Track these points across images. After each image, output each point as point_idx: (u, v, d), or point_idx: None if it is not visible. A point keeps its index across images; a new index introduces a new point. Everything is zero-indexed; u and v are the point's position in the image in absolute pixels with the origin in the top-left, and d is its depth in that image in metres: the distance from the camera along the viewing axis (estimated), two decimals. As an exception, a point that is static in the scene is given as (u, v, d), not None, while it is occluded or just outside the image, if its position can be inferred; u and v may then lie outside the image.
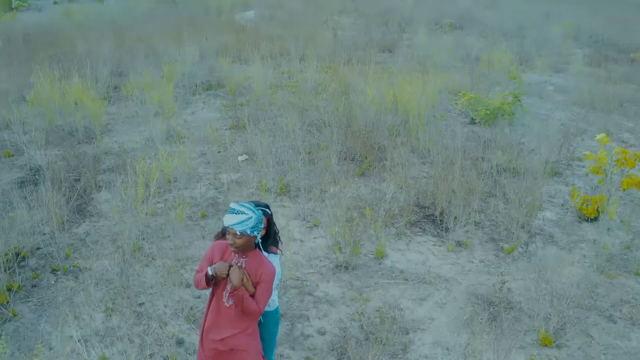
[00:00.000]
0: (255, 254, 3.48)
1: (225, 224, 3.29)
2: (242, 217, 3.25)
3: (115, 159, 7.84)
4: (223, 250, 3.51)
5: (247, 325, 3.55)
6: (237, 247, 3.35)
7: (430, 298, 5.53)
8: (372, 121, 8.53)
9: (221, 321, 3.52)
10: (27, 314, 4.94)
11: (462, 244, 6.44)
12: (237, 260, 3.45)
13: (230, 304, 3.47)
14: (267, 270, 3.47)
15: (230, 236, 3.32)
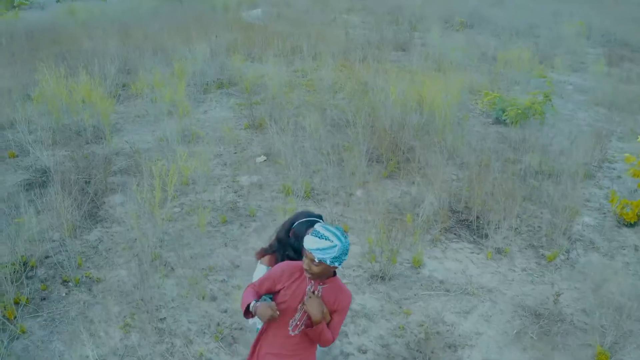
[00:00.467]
0: (334, 281, 3.02)
1: (305, 246, 2.82)
2: (325, 244, 2.76)
3: (127, 160, 7.35)
4: (293, 273, 3.03)
5: (309, 354, 3.13)
6: (312, 275, 2.89)
7: (474, 311, 5.11)
8: (397, 120, 8.05)
9: (280, 350, 3.07)
10: (36, 331, 4.45)
11: (502, 251, 6.03)
12: (314, 287, 2.98)
13: (296, 333, 3.02)
14: (345, 298, 3.04)
15: (307, 260, 2.85)
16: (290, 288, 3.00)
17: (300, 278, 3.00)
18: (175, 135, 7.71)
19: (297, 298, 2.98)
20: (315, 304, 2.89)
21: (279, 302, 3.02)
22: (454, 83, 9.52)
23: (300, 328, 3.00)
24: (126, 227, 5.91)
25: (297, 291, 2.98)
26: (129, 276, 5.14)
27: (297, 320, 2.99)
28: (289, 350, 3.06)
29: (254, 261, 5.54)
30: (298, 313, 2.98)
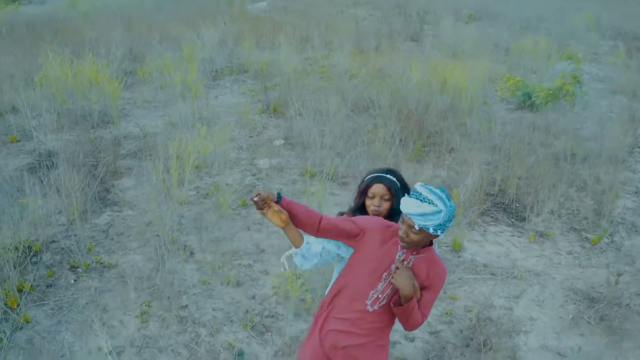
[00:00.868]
0: (429, 251, 2.51)
1: (403, 210, 2.33)
2: (428, 208, 2.27)
3: (137, 143, 6.85)
4: (385, 234, 2.51)
5: (383, 337, 2.60)
6: (408, 244, 2.39)
7: (524, 295, 4.67)
8: (423, 102, 7.57)
9: (351, 327, 2.54)
10: (42, 320, 3.95)
11: (544, 234, 5.59)
12: (404, 255, 2.48)
13: (375, 309, 2.51)
14: (440, 272, 2.53)
15: (404, 227, 2.36)
16: (376, 250, 2.48)
17: (391, 241, 2.49)
18: (188, 119, 7.21)
19: (383, 265, 2.47)
20: (405, 276, 2.39)
21: (356, 265, 2.52)
22: (475, 68, 9.09)
23: (381, 303, 2.49)
24: (138, 210, 5.43)
25: (384, 256, 2.47)
26: (144, 261, 4.64)
27: (379, 292, 2.48)
28: (362, 329, 2.53)
29: (280, 245, 5.11)
30: (381, 283, 2.47)
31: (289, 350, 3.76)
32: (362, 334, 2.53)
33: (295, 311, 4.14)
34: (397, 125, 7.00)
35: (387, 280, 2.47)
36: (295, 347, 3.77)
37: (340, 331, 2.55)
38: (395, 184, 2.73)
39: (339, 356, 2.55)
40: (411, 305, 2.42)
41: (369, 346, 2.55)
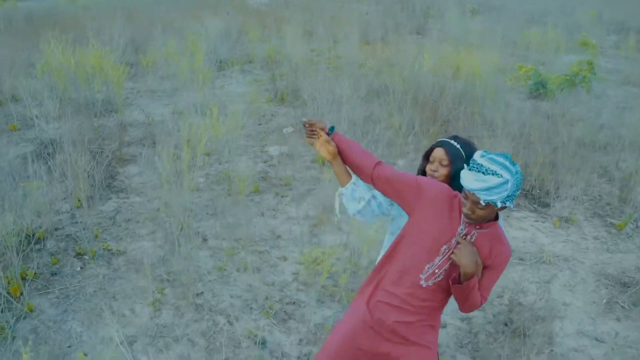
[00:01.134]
0: (493, 227, 2.21)
1: (465, 185, 2.05)
2: (493, 181, 1.98)
3: (142, 130, 6.59)
4: (449, 204, 2.22)
5: (435, 318, 2.34)
6: (474, 220, 2.11)
7: (555, 280, 4.44)
8: (437, 87, 7.32)
9: (402, 303, 2.27)
10: (47, 309, 3.68)
11: (568, 219, 5.37)
12: (466, 229, 2.20)
13: (429, 285, 2.24)
14: (504, 251, 2.24)
15: (469, 203, 2.07)
16: (437, 219, 2.20)
17: (453, 213, 2.20)
18: (196, 107, 6.94)
19: (444, 237, 2.19)
20: (468, 252, 2.12)
21: (413, 233, 2.25)
22: (485, 57, 8.86)
23: (437, 279, 2.22)
24: (146, 197, 5.17)
25: (445, 228, 2.20)
26: (155, 248, 4.37)
27: (435, 266, 2.21)
28: (412, 306, 2.26)
29: (297, 231, 4.85)
30: (439, 257, 2.20)
31: (314, 338, 3.49)
32: (412, 311, 2.26)
33: (318, 297, 3.88)
34: (414, 111, 6.75)
35: (445, 254, 2.20)
36: (321, 335, 3.51)
37: (389, 304, 2.28)
38: (455, 149, 2.44)
39: (386, 330, 2.29)
40: (472, 284, 2.16)
41: (417, 325, 2.29)
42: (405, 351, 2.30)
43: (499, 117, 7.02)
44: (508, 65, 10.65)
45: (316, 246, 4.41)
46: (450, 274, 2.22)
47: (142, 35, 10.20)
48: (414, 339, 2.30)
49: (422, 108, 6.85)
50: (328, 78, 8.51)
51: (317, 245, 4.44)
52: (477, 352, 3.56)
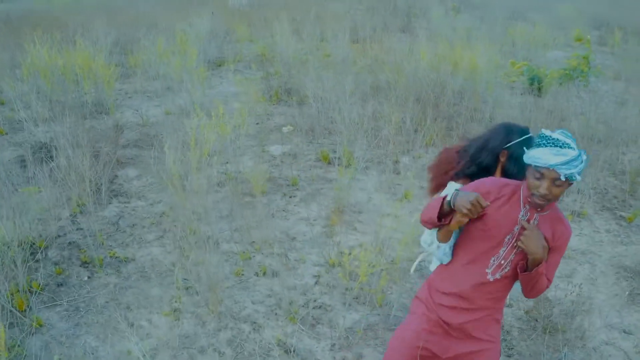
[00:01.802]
0: (552, 208, 2.12)
1: (541, 164, 1.94)
2: (571, 154, 1.91)
3: (136, 132, 6.31)
4: (502, 195, 2.13)
5: (498, 310, 2.23)
6: (549, 201, 2.01)
7: (576, 274, 4.39)
8: (437, 84, 7.20)
9: (465, 301, 2.17)
10: (57, 323, 3.41)
11: (579, 213, 5.28)
12: (528, 214, 2.09)
13: (496, 277, 2.12)
14: (566, 231, 2.13)
15: (546, 182, 1.96)
16: (494, 212, 2.10)
17: (512, 200, 2.10)
18: (189, 107, 6.69)
19: (505, 228, 2.08)
20: (535, 237, 2.00)
21: (473, 231, 2.16)
22: (481, 53, 8.78)
23: (504, 271, 2.10)
24: (148, 200, 4.91)
25: (505, 218, 2.09)
26: (164, 254, 4.13)
27: (501, 257, 2.09)
28: (476, 304, 2.15)
29: (311, 232, 4.66)
30: (504, 248, 2.08)
31: (347, 342, 3.30)
32: (476, 308, 2.16)
33: (344, 300, 3.69)
34: (415, 107, 6.61)
35: (509, 243, 2.08)
36: (353, 340, 3.33)
37: (452, 307, 2.19)
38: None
39: (453, 330, 2.19)
40: (540, 270, 2.05)
41: (484, 320, 2.18)
42: (472, 348, 2.20)
43: (501, 113, 6.94)
44: (497, 61, 10.64)
45: (340, 247, 4.23)
46: (516, 263, 2.11)
47: (127, 35, 9.86)
48: (479, 336, 2.20)
49: (425, 105, 6.71)
50: (323, 76, 8.34)
51: (339, 246, 4.25)
52: (512, 350, 3.43)
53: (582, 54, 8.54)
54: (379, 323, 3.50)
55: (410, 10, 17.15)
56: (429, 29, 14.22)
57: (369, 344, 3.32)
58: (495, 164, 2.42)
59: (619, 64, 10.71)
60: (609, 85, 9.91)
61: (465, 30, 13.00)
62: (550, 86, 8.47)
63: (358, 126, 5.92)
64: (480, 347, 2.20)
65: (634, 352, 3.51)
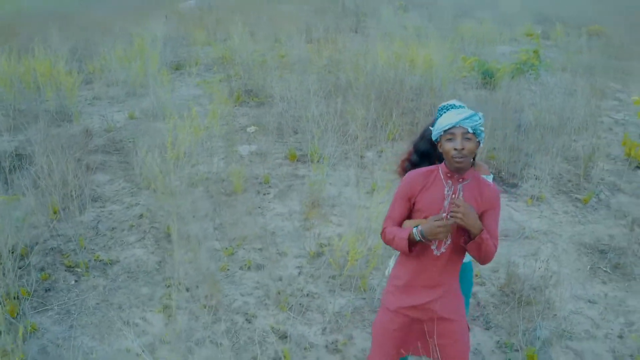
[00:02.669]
0: (472, 174, 2.36)
1: (453, 122, 2.24)
2: (469, 112, 2.28)
3: (104, 138, 6.30)
4: (423, 179, 2.38)
5: (455, 280, 2.48)
6: (465, 156, 2.23)
7: (540, 253, 4.73)
8: (397, 81, 7.48)
9: (426, 282, 2.42)
10: (51, 327, 3.46)
11: (538, 198, 5.66)
12: (452, 187, 2.33)
13: (442, 252, 2.35)
14: (493, 190, 2.37)
15: (458, 139, 2.23)
16: (423, 198, 2.35)
17: (434, 183, 2.36)
18: (154, 111, 6.73)
19: (435, 206, 2.33)
20: (467, 211, 2.21)
21: (414, 217, 2.41)
22: (434, 50, 9.14)
23: (447, 243, 2.34)
24: (123, 204, 4.96)
25: (433, 198, 2.34)
26: (148, 254, 4.22)
27: None
28: (434, 280, 2.40)
29: (289, 226, 4.82)
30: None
31: (337, 326, 3.50)
32: (435, 284, 2.41)
33: (329, 288, 3.88)
34: (377, 104, 6.86)
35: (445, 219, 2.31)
36: (342, 323, 3.52)
37: (413, 291, 2.44)
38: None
39: (420, 312, 2.45)
40: (484, 236, 2.26)
41: (446, 296, 2.43)
42: (441, 329, 2.43)
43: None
44: (448, 57, 11.06)
45: (319, 239, 4.41)
46: (456, 235, 2.33)
47: (83, 41, 9.72)
48: (447, 315, 2.43)
49: (385, 101, 6.97)
50: (285, 77, 8.50)
51: (318, 238, 4.44)
52: (490, 323, 3.70)
53: (531, 49, 9.04)
54: (365, 306, 3.71)
55: (359, 11, 17.47)
56: (380, 28, 14.56)
57: (358, 326, 3.52)
58: (434, 150, 2.61)
59: (563, 56, 11.28)
60: (557, 77, 10.44)
61: (415, 29, 13.39)
62: (502, 80, 8.91)
63: (327, 123, 6.09)
64: (449, 328, 2.43)
65: (599, 318, 3.84)
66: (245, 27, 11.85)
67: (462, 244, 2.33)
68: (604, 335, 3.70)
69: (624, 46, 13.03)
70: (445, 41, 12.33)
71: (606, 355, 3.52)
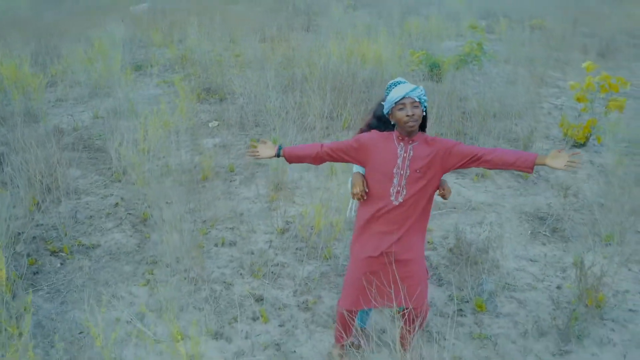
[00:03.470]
0: (420, 135, 2.86)
1: (402, 94, 2.73)
2: (411, 85, 2.77)
3: (72, 136, 6.53)
4: (383, 139, 2.88)
5: (414, 223, 2.93)
6: (416, 121, 2.74)
7: (485, 221, 5.25)
8: (350, 75, 7.95)
9: (388, 227, 2.89)
10: (43, 305, 3.75)
11: (483, 175, 6.21)
12: (404, 147, 2.81)
13: (400, 201, 2.82)
14: (441, 139, 2.87)
15: (407, 107, 2.74)
16: (380, 154, 2.85)
17: (387, 144, 2.85)
18: (118, 109, 6.98)
19: (390, 163, 2.82)
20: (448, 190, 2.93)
21: (371, 173, 2.89)
22: (384, 46, 9.64)
23: (403, 194, 2.81)
24: (97, 196, 5.24)
25: (387, 157, 2.83)
26: (127, 238, 4.54)
27: (396, 186, 2.81)
28: (395, 224, 2.87)
29: (257, 207, 5.21)
30: (396, 178, 2.80)
31: (307, 288, 3.92)
32: (396, 229, 2.86)
33: (297, 258, 4.30)
34: (332, 96, 7.30)
35: (399, 174, 2.79)
36: (311, 285, 3.94)
37: (377, 237, 2.90)
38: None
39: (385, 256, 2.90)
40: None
41: (407, 238, 2.89)
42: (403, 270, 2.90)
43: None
44: (397, 52, 11.59)
45: (285, 216, 4.81)
46: (412, 187, 2.80)
47: (44, 44, 9.81)
48: (408, 257, 2.90)
49: (339, 93, 7.42)
50: (244, 74, 8.85)
51: (285, 215, 4.85)
52: (442, 280, 4.18)
53: (475, 41, 9.65)
54: (330, 272, 4.15)
55: (310, 10, 17.88)
56: (330, 26, 15.00)
57: (325, 288, 3.95)
58: None
59: (507, 49, 11.97)
60: (500, 67, 11.10)
61: (365, 26, 13.88)
62: (447, 72, 9.48)
63: (286, 115, 6.49)
64: (410, 269, 2.90)
65: (540, 273, 4.37)
66: (201, 28, 12.15)
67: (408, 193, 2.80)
68: (545, 287, 4.23)
69: (565, 38, 13.92)
70: (394, 37, 12.92)
71: (546, 302, 4.03)
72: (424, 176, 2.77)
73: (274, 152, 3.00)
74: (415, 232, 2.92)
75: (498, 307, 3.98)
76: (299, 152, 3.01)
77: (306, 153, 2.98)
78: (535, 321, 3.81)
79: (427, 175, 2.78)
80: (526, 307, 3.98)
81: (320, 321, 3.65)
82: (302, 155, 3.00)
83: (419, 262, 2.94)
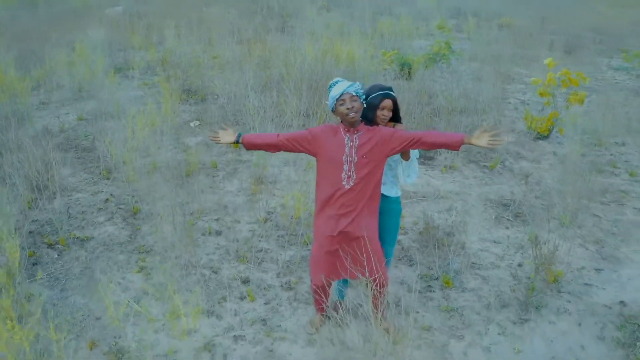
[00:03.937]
0: (364, 126, 3.27)
1: (341, 91, 3.14)
2: (348, 82, 3.18)
3: (60, 137, 6.78)
4: (332, 131, 3.27)
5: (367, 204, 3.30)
6: (356, 112, 3.15)
7: (453, 208, 5.64)
8: (325, 74, 8.31)
9: (340, 210, 3.27)
10: (44, 292, 4.04)
11: (451, 167, 6.61)
12: (350, 138, 3.21)
13: (351, 185, 3.21)
14: (384, 128, 3.28)
15: (348, 102, 3.13)
16: (330, 144, 3.22)
17: (336, 136, 3.23)
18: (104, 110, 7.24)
19: (338, 152, 3.19)
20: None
21: (323, 162, 3.25)
22: (357, 46, 10.02)
23: (354, 177, 3.19)
24: (88, 192, 5.52)
25: (335, 146, 3.21)
26: (119, 230, 4.84)
27: (347, 172, 3.19)
28: (349, 207, 3.24)
29: (240, 200, 5.54)
30: (345, 165, 3.18)
31: (289, 270, 4.28)
32: (350, 210, 3.24)
33: (279, 244, 4.65)
34: (308, 95, 7.67)
35: (348, 161, 3.18)
36: (293, 268, 4.31)
37: (333, 219, 3.27)
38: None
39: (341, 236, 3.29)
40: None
41: (360, 217, 3.27)
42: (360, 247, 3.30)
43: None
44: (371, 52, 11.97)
45: (267, 207, 5.16)
46: (360, 171, 3.18)
47: (25, 49, 9.97)
48: (361, 233, 3.27)
49: (314, 92, 7.78)
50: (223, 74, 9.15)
51: (267, 205, 5.20)
52: (412, 261, 4.57)
53: (444, 40, 10.09)
54: (310, 255, 4.50)
55: (284, 12, 18.19)
56: (305, 27, 15.33)
57: (305, 270, 4.32)
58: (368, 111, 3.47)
59: (474, 47, 12.43)
60: (467, 65, 11.55)
61: (339, 27, 14.24)
62: (417, 70, 9.91)
63: (265, 113, 6.83)
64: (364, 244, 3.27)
65: (503, 254, 4.79)
66: (178, 30, 12.40)
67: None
68: (507, 265, 4.64)
69: (532, 36, 14.48)
70: (367, 37, 13.31)
71: (508, 278, 4.45)
72: (370, 161, 3.17)
73: (233, 138, 3.40)
74: (368, 213, 3.30)
75: (464, 283, 4.38)
76: (257, 140, 3.38)
77: (264, 141, 3.35)
78: (498, 294, 4.22)
79: (373, 161, 3.17)
80: (489, 282, 4.39)
81: (302, 299, 4.02)
82: (260, 144, 3.36)
83: (372, 239, 3.32)
